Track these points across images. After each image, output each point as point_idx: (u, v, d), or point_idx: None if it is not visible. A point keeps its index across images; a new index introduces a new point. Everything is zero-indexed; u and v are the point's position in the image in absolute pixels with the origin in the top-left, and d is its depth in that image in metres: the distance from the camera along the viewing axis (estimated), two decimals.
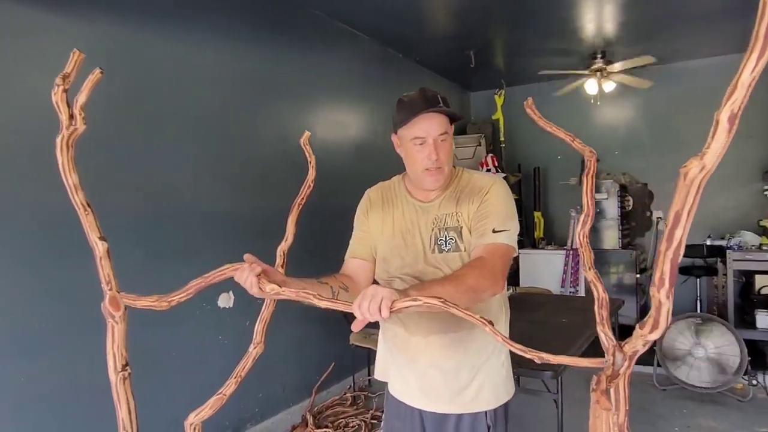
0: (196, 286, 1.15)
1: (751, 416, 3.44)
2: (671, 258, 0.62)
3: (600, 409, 0.74)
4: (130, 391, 1.21)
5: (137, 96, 2.61)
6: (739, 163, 5.52)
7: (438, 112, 1.34)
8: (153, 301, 1.13)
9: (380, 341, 1.65)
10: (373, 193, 1.58)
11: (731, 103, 0.51)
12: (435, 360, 1.43)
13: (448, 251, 1.41)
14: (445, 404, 1.44)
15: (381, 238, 1.50)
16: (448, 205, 1.44)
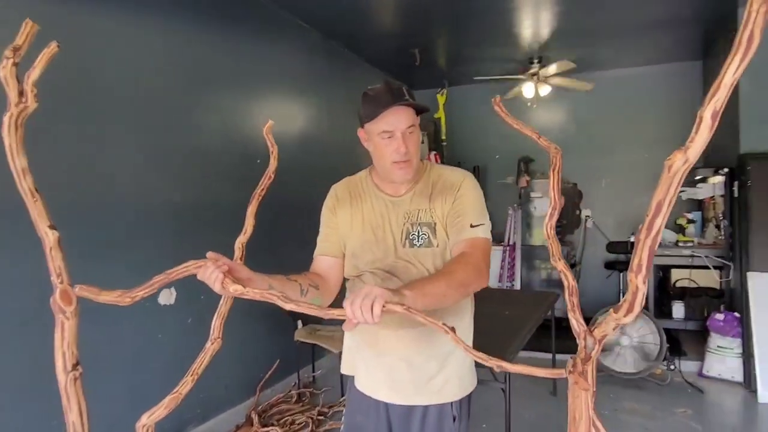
0: (159, 281, 1.10)
1: (669, 398, 3.74)
2: (650, 246, 0.67)
3: (579, 390, 0.78)
4: (82, 392, 1.13)
5: (74, 80, 2.44)
6: (655, 166, 5.90)
7: (405, 105, 1.34)
8: (116, 296, 1.07)
9: (347, 335, 1.64)
10: (339, 189, 1.55)
11: (714, 102, 0.56)
12: (404, 353, 1.44)
13: (419, 246, 1.41)
14: (412, 396, 1.46)
15: (350, 233, 1.48)
16: (421, 201, 1.44)
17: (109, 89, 2.62)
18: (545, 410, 3.55)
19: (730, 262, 4.34)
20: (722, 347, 4.05)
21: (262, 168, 4.33)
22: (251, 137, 3.65)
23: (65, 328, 1.08)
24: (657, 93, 5.92)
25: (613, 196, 6.10)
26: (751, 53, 0.51)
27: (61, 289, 1.05)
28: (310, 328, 3.89)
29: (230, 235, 3.52)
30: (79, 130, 2.46)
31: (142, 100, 2.81)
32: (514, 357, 2.29)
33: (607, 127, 6.07)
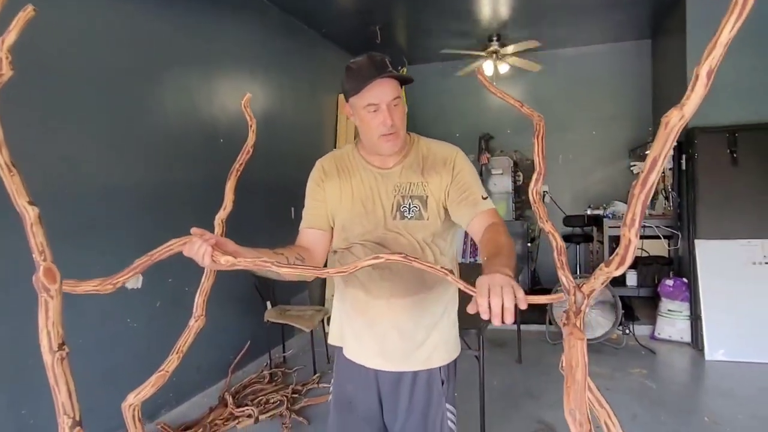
0: (141, 264, 1.07)
1: (625, 360, 3.97)
2: (643, 200, 0.71)
3: (575, 339, 0.83)
4: (69, 372, 1.10)
5: (29, 59, 2.29)
6: (609, 142, 6.20)
7: (389, 77, 1.33)
8: (96, 284, 1.03)
9: (336, 306, 1.64)
10: (325, 163, 1.53)
11: (710, 60, 0.59)
12: (395, 322, 1.47)
13: (410, 219, 1.43)
14: (401, 363, 1.49)
15: (339, 206, 1.48)
16: (412, 174, 1.45)
17: (66, 68, 2.49)
18: (512, 377, 3.70)
19: (678, 231, 4.60)
20: (672, 311, 4.31)
21: (225, 147, 4.28)
22: (213, 116, 3.55)
23: (49, 308, 1.03)
24: (610, 71, 6.13)
25: (569, 172, 6.31)
26: (746, 12, 0.55)
27: (45, 266, 1.00)
28: (279, 308, 3.88)
29: (199, 214, 3.44)
30: (36, 112, 2.34)
31: (100, 80, 2.69)
32: (486, 325, 2.37)
33: (563, 104, 6.25)
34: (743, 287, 3.92)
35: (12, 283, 2.20)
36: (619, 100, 6.13)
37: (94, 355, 2.56)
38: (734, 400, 3.26)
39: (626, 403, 3.19)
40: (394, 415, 1.52)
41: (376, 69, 1.33)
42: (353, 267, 0.99)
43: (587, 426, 0.78)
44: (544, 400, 3.30)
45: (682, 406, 3.23)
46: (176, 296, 3.01)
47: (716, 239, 4.07)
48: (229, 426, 3.00)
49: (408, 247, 1.43)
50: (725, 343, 3.90)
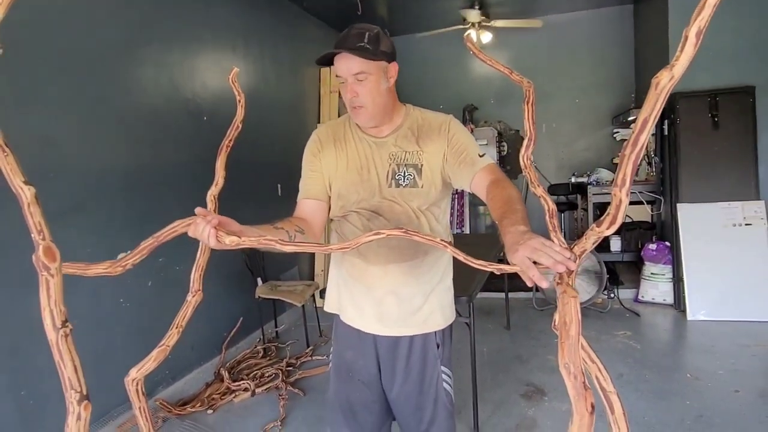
0: (148, 246, 1.08)
1: (610, 323, 4.09)
2: (633, 160, 0.73)
3: (568, 297, 0.86)
4: (74, 347, 1.11)
5: (5, 35, 2.23)
6: (592, 110, 6.24)
7: (346, 51, 1.35)
8: (106, 267, 1.04)
9: (332, 273, 1.67)
10: (321, 133, 1.56)
11: (699, 20, 0.61)
12: (392, 287, 1.50)
13: (405, 186, 1.46)
14: (399, 328, 1.53)
15: (335, 175, 1.50)
16: (406, 143, 1.47)
17: (43, 46, 2.42)
18: (500, 344, 3.80)
19: (660, 196, 4.69)
20: (655, 274, 4.43)
21: (209, 124, 4.21)
22: (196, 93, 3.50)
23: (50, 286, 1.04)
24: (592, 38, 6.12)
25: (553, 140, 6.35)
26: None
27: (44, 245, 1.00)
28: (270, 284, 3.91)
29: (186, 192, 3.43)
30: (12, 92, 2.28)
31: (79, 58, 2.61)
32: (476, 292, 2.42)
33: (546, 73, 6.24)
34: (724, 249, 4.03)
35: (4, 265, 2.19)
36: (601, 67, 6.14)
37: (89, 335, 2.57)
38: (715, 356, 3.39)
39: (612, 363, 3.30)
40: (391, 378, 1.57)
41: (339, 43, 1.37)
42: (355, 243, 1.01)
43: (581, 378, 0.82)
44: (532, 363, 3.40)
45: (666, 364, 3.35)
46: (168, 275, 3.01)
47: (698, 203, 4.17)
48: (226, 400, 3.06)
49: (403, 215, 1.46)
50: (706, 303, 4.04)
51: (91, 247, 2.60)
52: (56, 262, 1.05)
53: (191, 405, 2.94)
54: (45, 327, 1.10)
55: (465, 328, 2.54)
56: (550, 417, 2.72)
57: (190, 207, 1.54)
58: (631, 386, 3.00)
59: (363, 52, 1.36)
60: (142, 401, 1.33)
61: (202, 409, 2.94)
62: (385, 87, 1.45)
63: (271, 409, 2.95)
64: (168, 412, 2.84)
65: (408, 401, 1.57)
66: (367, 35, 1.39)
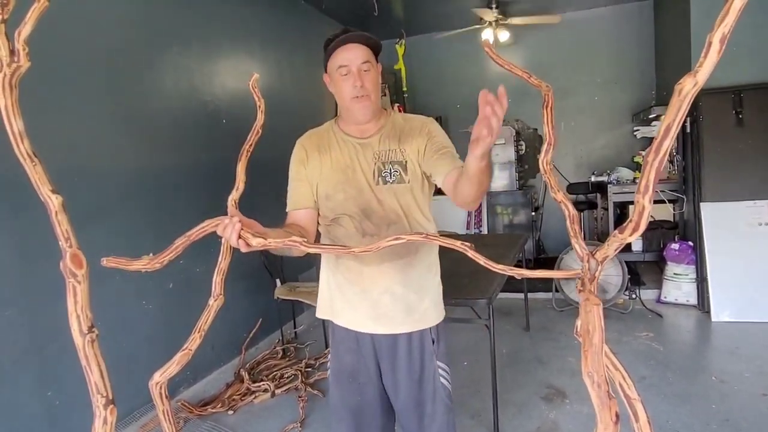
0: (181, 244, 1.10)
1: (631, 325, 4.03)
2: (656, 167, 0.72)
3: (591, 305, 0.85)
4: (100, 353, 1.14)
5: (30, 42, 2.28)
6: (612, 107, 6.15)
7: (355, 41, 1.42)
8: (145, 263, 1.08)
9: (323, 280, 1.68)
10: (306, 141, 1.59)
11: (723, 26, 0.60)
12: (388, 286, 1.53)
13: (392, 182, 1.50)
14: (396, 326, 1.55)
15: (321, 178, 1.53)
16: (390, 142, 1.52)
17: (64, 52, 2.47)
18: (520, 345, 3.77)
19: (683, 194, 4.60)
20: (678, 274, 4.35)
21: (227, 127, 4.26)
22: (215, 95, 3.54)
23: (77, 292, 1.07)
24: (611, 34, 6.03)
25: (571, 138, 6.28)
26: None
27: (71, 252, 1.03)
28: (288, 285, 3.94)
29: (206, 194, 3.47)
30: (36, 98, 2.33)
31: (100, 63, 2.67)
32: (496, 294, 2.41)
33: (564, 70, 6.17)
34: (749, 248, 3.94)
35: (33, 268, 2.24)
36: (621, 64, 6.05)
37: (113, 337, 2.62)
38: (740, 358, 3.32)
39: (634, 365, 3.25)
40: (392, 376, 1.59)
41: (344, 37, 1.42)
42: (376, 247, 1.02)
43: (605, 387, 0.81)
44: (553, 365, 3.37)
45: (690, 366, 3.29)
46: (188, 277, 3.05)
47: (722, 201, 4.08)
48: (246, 401, 3.09)
49: (392, 212, 1.50)
50: (731, 304, 3.95)
51: (115, 249, 2.63)
52: (83, 269, 1.08)
53: (212, 406, 2.98)
54: (72, 332, 1.13)
55: (485, 329, 2.53)
56: (572, 420, 2.69)
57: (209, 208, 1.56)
58: (655, 389, 2.95)
59: (372, 42, 1.44)
60: (165, 404, 1.36)
61: (222, 410, 2.97)
62: (379, 82, 1.51)
63: (290, 410, 2.97)
64: (189, 412, 2.88)
65: (409, 398, 1.60)
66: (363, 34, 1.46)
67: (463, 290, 2.37)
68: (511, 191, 5.91)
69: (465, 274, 2.54)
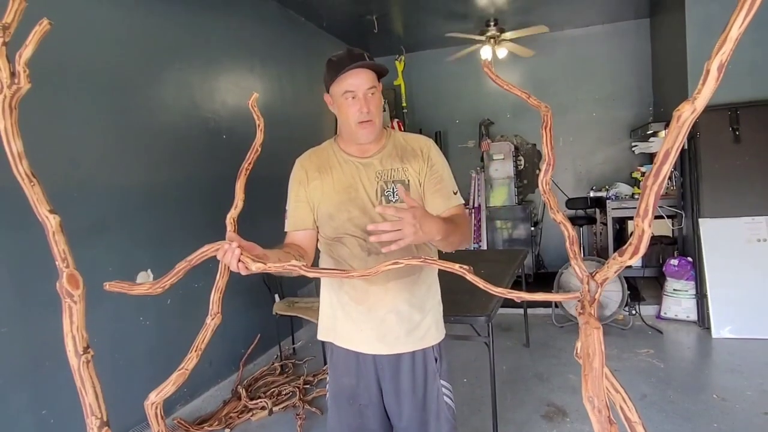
0: (182, 268, 1.10)
1: (632, 341, 4.00)
2: (656, 191, 0.72)
3: (591, 328, 0.85)
4: (95, 374, 1.13)
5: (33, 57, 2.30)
6: (610, 123, 6.19)
7: (363, 66, 1.41)
8: (148, 287, 1.08)
9: (325, 301, 1.67)
10: (305, 161, 1.58)
11: (720, 55, 0.60)
12: (393, 305, 1.53)
13: (396, 201, 1.49)
14: (400, 345, 1.55)
15: (324, 199, 1.53)
16: (391, 162, 1.52)
17: (66, 68, 2.49)
18: (520, 361, 3.74)
19: (681, 210, 4.61)
20: (677, 290, 4.34)
21: (228, 143, 4.25)
22: (215, 112, 3.56)
23: (73, 313, 1.07)
24: (609, 51, 6.09)
25: (570, 154, 6.30)
26: (755, 7, 0.56)
27: (68, 273, 1.03)
28: (288, 301, 3.92)
29: (206, 210, 3.47)
30: (38, 113, 2.34)
31: (101, 79, 2.68)
32: (496, 311, 2.39)
33: (563, 86, 6.22)
34: (748, 264, 3.93)
35: (29, 286, 2.23)
36: (618, 80, 6.10)
37: (110, 353, 2.60)
38: (742, 375, 3.29)
39: (635, 383, 3.23)
40: (395, 397, 1.58)
41: (353, 60, 1.41)
42: (375, 271, 1.02)
43: (606, 412, 0.80)
44: (553, 383, 3.34)
45: (691, 384, 3.26)
46: (186, 293, 3.03)
47: (720, 217, 4.08)
48: (243, 418, 3.05)
49: None
50: (731, 320, 3.93)
51: (113, 265, 2.64)
52: (79, 289, 1.08)
53: (209, 424, 2.94)
54: (67, 353, 1.12)
55: (484, 347, 2.51)
56: None
57: (209, 225, 1.56)
58: (656, 407, 2.92)
59: (378, 68, 1.44)
60: (161, 425, 1.34)
61: (219, 428, 2.94)
62: (382, 104, 1.52)
63: (288, 429, 2.93)
64: (186, 430, 2.85)
65: (412, 418, 1.58)
66: (367, 56, 1.45)
67: (462, 307, 2.36)
68: (510, 206, 5.92)
69: (464, 291, 2.52)
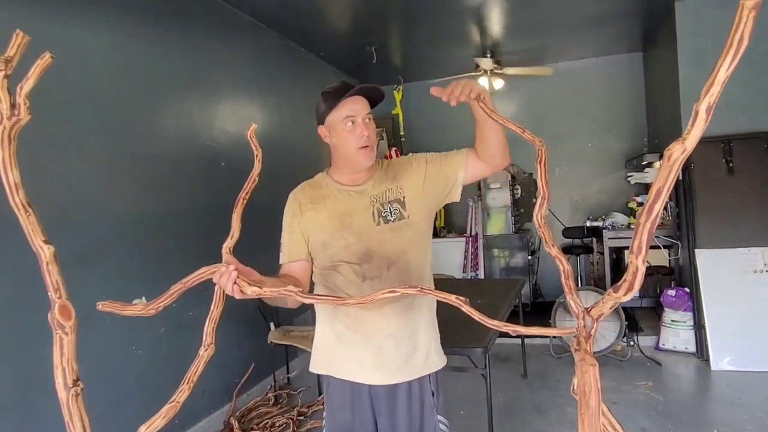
0: (177, 290, 1.09)
1: (630, 373, 3.96)
2: (649, 228, 0.73)
3: (587, 365, 0.84)
4: (84, 408, 1.11)
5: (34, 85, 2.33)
6: (605, 153, 6.26)
7: (361, 94, 1.47)
8: (140, 309, 1.07)
9: (320, 332, 1.66)
10: (299, 194, 1.60)
11: (708, 97, 0.62)
12: (390, 330, 1.51)
13: (393, 221, 1.51)
14: (397, 374, 1.52)
15: (318, 228, 1.53)
16: (385, 184, 1.55)
17: (66, 97, 2.51)
18: (517, 393, 3.69)
19: (677, 240, 4.62)
20: (675, 321, 4.31)
21: (226, 170, 4.27)
22: (214, 139, 3.58)
23: (64, 344, 1.05)
24: (603, 83, 6.20)
25: (566, 183, 6.34)
26: (740, 53, 0.58)
27: (60, 304, 1.02)
28: (283, 329, 3.88)
29: (203, 238, 3.46)
30: (37, 140, 2.36)
31: (101, 108, 2.71)
32: (493, 342, 2.37)
33: (558, 117, 6.31)
34: (746, 296, 3.92)
35: (20, 314, 2.20)
36: (613, 112, 6.19)
37: (101, 382, 2.55)
38: (742, 409, 3.25)
39: (634, 416, 3.18)
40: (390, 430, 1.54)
41: (350, 87, 1.47)
42: (371, 299, 1.02)
43: None
44: (551, 416, 3.28)
45: (691, 417, 3.21)
46: (181, 321, 3.01)
47: (716, 248, 4.09)
48: None
49: (393, 251, 1.50)
50: (730, 352, 3.90)
51: (107, 292, 2.60)
52: (71, 320, 1.06)
53: None
54: (56, 385, 1.10)
55: (481, 378, 2.48)
56: None
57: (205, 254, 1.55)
58: None
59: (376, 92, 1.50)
60: None
61: None
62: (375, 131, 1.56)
63: None
64: None
65: None
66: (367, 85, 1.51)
67: (459, 339, 2.34)
68: (507, 235, 5.93)
69: (461, 321, 2.49)
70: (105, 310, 1.05)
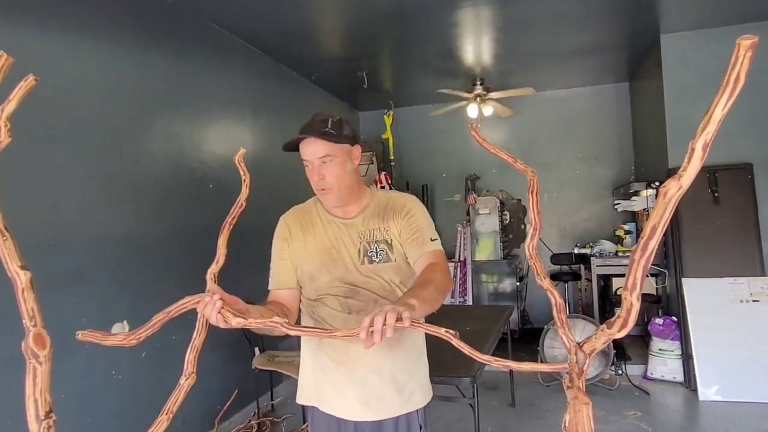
0: (160, 320, 1.06)
1: (619, 402, 3.93)
2: (643, 265, 0.72)
3: (580, 404, 0.82)
4: None
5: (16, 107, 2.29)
6: (593, 181, 6.32)
7: (314, 137, 1.43)
8: (121, 339, 1.03)
9: (305, 363, 1.63)
10: (289, 219, 1.59)
11: (704, 135, 0.61)
12: (375, 365, 1.48)
13: (379, 262, 1.49)
14: (384, 409, 1.49)
15: (306, 258, 1.52)
16: (374, 221, 1.53)
17: (53, 117, 2.49)
18: (505, 423, 3.63)
19: (665, 269, 4.64)
20: (663, 350, 4.30)
21: (214, 192, 4.24)
22: (203, 162, 3.56)
23: (38, 374, 1.00)
24: (591, 112, 6.30)
25: (555, 210, 6.38)
26: (737, 92, 0.58)
27: (35, 332, 0.98)
28: (268, 354, 3.79)
29: (190, 261, 3.40)
30: (22, 160, 2.31)
31: (88, 129, 2.69)
32: (481, 372, 2.34)
33: (547, 144, 6.38)
34: (733, 325, 3.93)
35: None
36: (600, 140, 6.28)
37: (78, 409, 2.46)
38: None
39: None
40: None
41: (306, 129, 1.45)
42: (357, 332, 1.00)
43: None
44: None
45: None
46: (163, 345, 2.93)
47: (703, 277, 4.11)
48: None
49: (379, 288, 1.48)
50: (718, 382, 3.89)
51: (89, 314, 2.55)
52: (45, 350, 1.02)
53: None
54: (28, 418, 1.05)
55: (469, 408, 2.43)
56: None
57: (190, 277, 1.52)
58: None
59: (327, 136, 1.43)
60: None
61: None
62: (350, 168, 1.51)
63: None
64: None
65: None
66: (330, 121, 1.47)
67: (446, 368, 2.30)
68: (496, 260, 5.92)
69: (448, 350, 2.46)
70: (85, 339, 1.01)
